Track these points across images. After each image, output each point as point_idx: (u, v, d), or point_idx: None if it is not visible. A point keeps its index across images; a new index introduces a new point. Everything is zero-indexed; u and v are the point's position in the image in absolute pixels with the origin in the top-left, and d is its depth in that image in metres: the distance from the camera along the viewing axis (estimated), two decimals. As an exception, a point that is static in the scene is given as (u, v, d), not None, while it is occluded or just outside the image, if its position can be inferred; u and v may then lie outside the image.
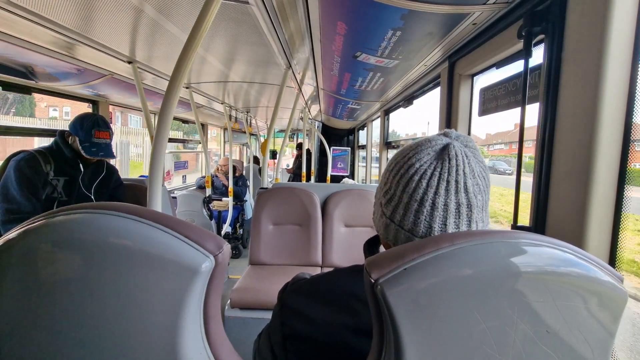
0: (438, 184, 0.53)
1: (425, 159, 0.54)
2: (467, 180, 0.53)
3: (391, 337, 0.40)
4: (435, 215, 0.53)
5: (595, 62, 0.76)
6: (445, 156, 0.53)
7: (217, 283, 0.47)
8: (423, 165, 0.54)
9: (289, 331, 0.60)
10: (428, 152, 0.55)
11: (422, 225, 0.53)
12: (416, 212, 0.54)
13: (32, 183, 1.59)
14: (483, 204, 0.55)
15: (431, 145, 0.56)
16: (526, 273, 0.41)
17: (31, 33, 1.61)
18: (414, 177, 0.54)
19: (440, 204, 0.53)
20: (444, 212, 0.53)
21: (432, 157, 0.54)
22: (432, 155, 0.55)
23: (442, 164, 0.53)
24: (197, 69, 2.57)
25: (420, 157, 0.55)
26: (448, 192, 0.52)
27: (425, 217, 0.53)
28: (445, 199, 0.52)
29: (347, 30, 1.42)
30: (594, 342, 0.44)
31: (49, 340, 0.47)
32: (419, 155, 0.55)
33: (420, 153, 0.55)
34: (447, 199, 0.52)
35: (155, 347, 0.45)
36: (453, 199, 0.53)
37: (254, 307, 1.98)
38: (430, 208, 0.53)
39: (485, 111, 1.40)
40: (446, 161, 0.53)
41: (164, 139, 1.11)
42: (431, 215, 0.53)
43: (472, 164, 0.54)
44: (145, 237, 0.46)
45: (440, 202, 0.52)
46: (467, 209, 0.53)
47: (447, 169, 0.53)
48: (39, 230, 0.49)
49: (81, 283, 0.46)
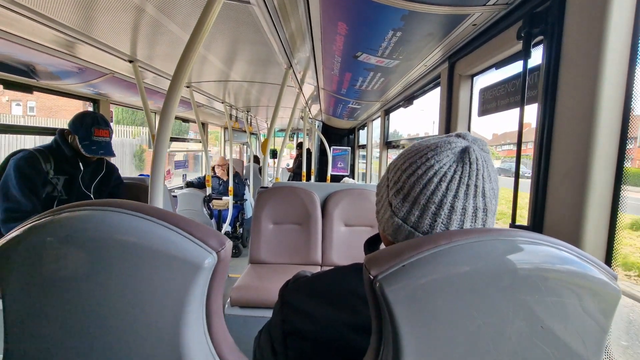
0: (458, 187, 0.52)
1: (444, 161, 0.53)
2: (485, 185, 0.53)
3: (389, 333, 0.41)
4: (453, 219, 0.52)
5: (593, 63, 0.76)
6: (466, 159, 0.52)
7: (219, 279, 0.48)
8: (443, 167, 0.53)
9: (290, 328, 0.60)
10: (447, 154, 0.53)
11: (438, 228, 0.53)
12: (433, 215, 0.53)
13: (32, 182, 1.59)
14: (495, 208, 0.55)
15: (451, 147, 0.54)
16: (522, 270, 0.42)
17: (33, 32, 1.62)
18: (433, 179, 0.53)
19: (459, 208, 0.52)
20: (462, 216, 0.52)
21: (452, 160, 0.53)
22: (451, 158, 0.53)
23: (462, 167, 0.52)
24: (198, 68, 2.57)
25: (440, 159, 0.53)
26: (467, 196, 0.52)
27: (442, 219, 0.52)
28: (464, 202, 0.52)
29: (347, 31, 1.42)
30: (588, 338, 0.45)
31: (56, 336, 0.48)
32: (438, 157, 0.53)
33: (440, 154, 0.54)
34: (466, 203, 0.52)
35: (160, 341, 0.46)
36: (471, 203, 0.52)
37: (253, 305, 1.99)
38: (448, 211, 0.52)
39: (484, 111, 1.41)
40: (467, 165, 0.52)
41: (165, 138, 1.12)
42: (449, 219, 0.52)
43: (489, 169, 0.54)
44: (149, 233, 0.47)
45: (459, 205, 0.52)
46: (483, 213, 0.53)
47: (468, 173, 0.52)
48: (45, 226, 0.49)
49: (87, 279, 0.47)
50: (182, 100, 3.59)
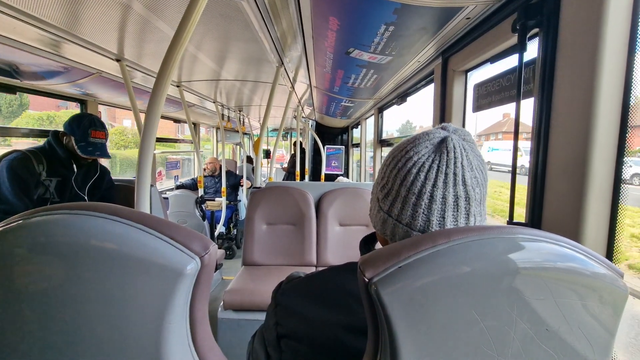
0: (436, 176, 0.52)
1: (423, 152, 0.54)
2: (465, 173, 0.52)
3: (387, 338, 0.39)
4: (434, 209, 0.52)
5: (590, 55, 0.75)
6: (443, 149, 0.53)
7: (203, 285, 0.45)
8: (421, 158, 0.53)
9: (283, 330, 0.59)
10: (426, 145, 0.54)
11: (420, 218, 0.53)
12: (414, 206, 0.53)
13: (25, 183, 1.58)
14: (481, 197, 0.54)
15: (429, 138, 0.55)
16: (525, 269, 0.40)
17: (14, 30, 1.57)
18: (412, 170, 0.53)
19: (438, 197, 0.52)
20: (442, 205, 0.52)
21: (430, 150, 0.54)
22: (430, 148, 0.54)
23: (440, 156, 0.53)
24: (188, 67, 2.53)
25: (418, 150, 0.54)
26: (446, 185, 0.52)
27: (423, 210, 0.52)
28: (444, 191, 0.52)
29: (339, 26, 1.40)
30: (595, 340, 0.43)
31: (31, 349, 0.45)
32: (416, 148, 0.54)
33: (418, 146, 0.54)
34: (446, 192, 0.52)
35: (140, 353, 0.43)
36: (451, 192, 0.52)
37: (247, 308, 1.96)
38: (428, 201, 0.52)
39: (479, 107, 1.39)
40: (444, 154, 0.52)
41: (151, 138, 1.08)
42: (429, 208, 0.52)
43: (470, 157, 0.54)
44: (127, 238, 0.44)
45: (439, 194, 0.52)
46: (465, 202, 0.53)
47: (446, 162, 0.52)
48: (14, 232, 0.46)
49: (60, 288, 0.44)
50: (173, 100, 3.54)
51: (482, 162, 0.56)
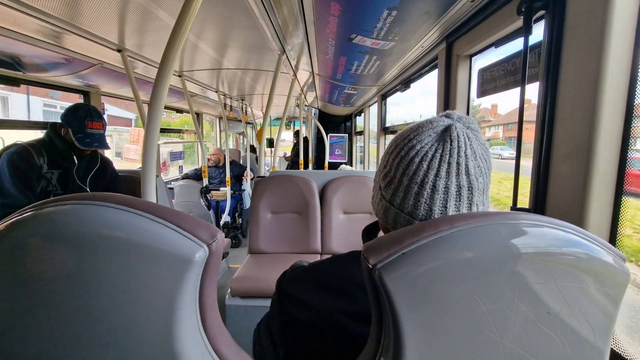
0: (439, 166, 0.51)
1: (426, 141, 0.53)
2: (468, 163, 0.52)
3: (390, 323, 0.40)
4: (436, 198, 0.52)
5: (597, 37, 0.73)
6: (446, 138, 0.52)
7: (211, 273, 0.46)
8: (424, 147, 0.53)
9: (288, 318, 0.60)
10: (429, 133, 0.54)
11: (422, 208, 0.52)
12: (416, 195, 0.53)
13: (26, 176, 1.57)
14: (484, 186, 0.54)
15: (432, 126, 0.54)
16: (527, 254, 0.41)
17: (15, 21, 1.56)
18: (415, 159, 0.53)
19: (440, 187, 0.52)
20: (444, 195, 0.52)
21: (433, 139, 0.53)
22: (433, 137, 0.53)
23: (443, 145, 0.52)
24: (190, 57, 2.51)
25: (421, 139, 0.53)
26: (449, 175, 0.51)
27: (425, 199, 0.52)
28: (446, 181, 0.51)
29: (341, 11, 1.37)
30: (596, 323, 0.44)
31: (44, 337, 0.46)
32: (419, 137, 0.54)
33: (422, 135, 0.54)
34: (448, 182, 0.51)
35: (152, 339, 0.45)
36: (454, 182, 0.52)
37: (254, 295, 2.00)
38: (430, 190, 0.52)
39: (484, 92, 1.38)
40: (447, 143, 0.52)
41: (155, 129, 1.08)
42: (431, 198, 0.52)
43: (474, 146, 0.53)
44: (136, 227, 0.44)
45: (441, 184, 0.51)
46: (468, 191, 0.52)
47: (449, 151, 0.51)
48: (27, 222, 0.47)
49: (72, 277, 0.45)
50: (175, 90, 3.53)
51: (487, 150, 0.55)
